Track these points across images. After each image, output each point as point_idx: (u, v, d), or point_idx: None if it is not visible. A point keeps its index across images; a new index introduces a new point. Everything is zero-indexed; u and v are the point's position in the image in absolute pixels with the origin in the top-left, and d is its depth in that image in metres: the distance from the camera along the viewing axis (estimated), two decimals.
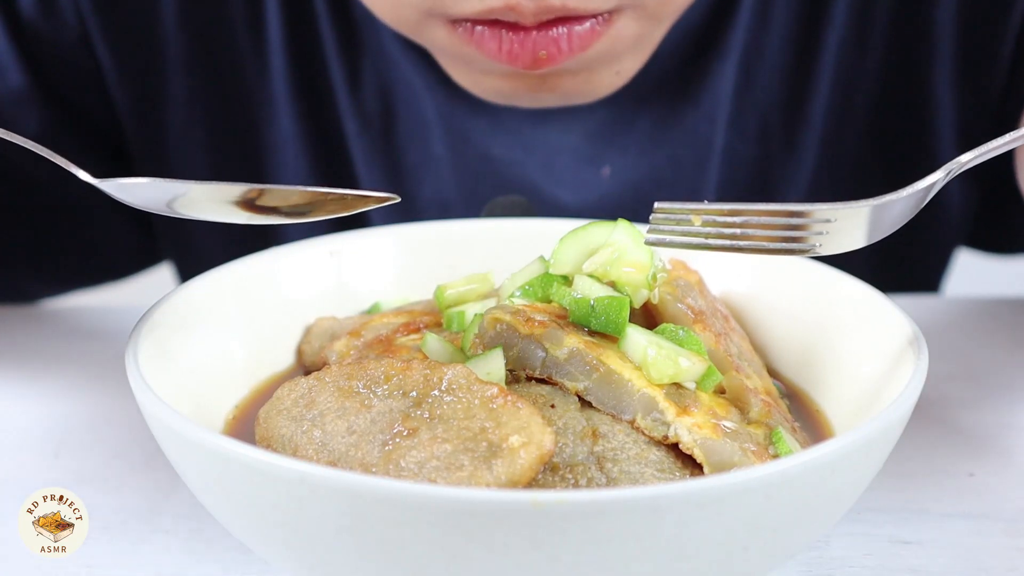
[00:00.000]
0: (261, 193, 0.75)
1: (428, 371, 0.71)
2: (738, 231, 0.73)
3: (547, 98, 0.99)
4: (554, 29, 0.91)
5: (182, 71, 1.15)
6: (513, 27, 0.91)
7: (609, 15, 0.91)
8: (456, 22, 0.92)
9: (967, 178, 1.19)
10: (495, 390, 0.69)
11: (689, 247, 0.74)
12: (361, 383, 0.71)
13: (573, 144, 1.14)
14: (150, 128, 1.17)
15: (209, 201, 0.75)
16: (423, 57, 1.12)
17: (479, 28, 0.91)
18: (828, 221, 0.72)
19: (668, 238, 0.74)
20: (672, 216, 0.74)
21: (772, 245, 0.73)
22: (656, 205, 0.75)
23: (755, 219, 0.73)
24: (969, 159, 0.74)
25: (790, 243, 0.73)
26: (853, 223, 0.72)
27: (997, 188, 1.18)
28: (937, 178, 0.73)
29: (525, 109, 1.12)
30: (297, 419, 0.71)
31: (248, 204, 0.76)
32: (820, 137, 1.17)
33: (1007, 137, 0.74)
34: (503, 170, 1.14)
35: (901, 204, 0.73)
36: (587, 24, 0.91)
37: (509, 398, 0.68)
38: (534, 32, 0.91)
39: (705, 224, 0.74)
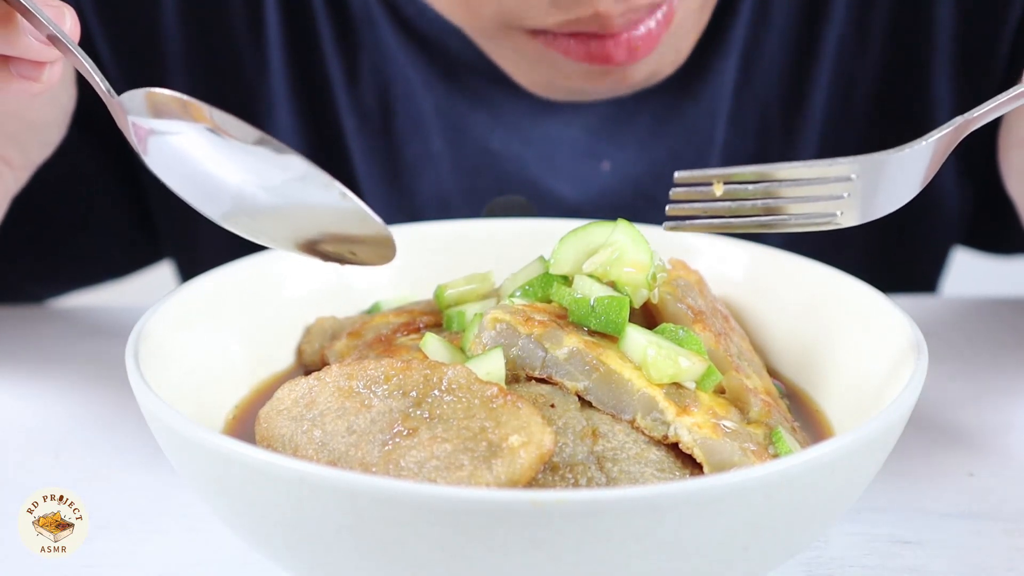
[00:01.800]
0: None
1: (428, 371, 0.71)
2: (759, 202, 0.73)
3: (615, 87, 1.00)
4: (640, 25, 0.93)
5: (182, 68, 1.15)
6: (598, 36, 0.92)
7: (670, 13, 0.93)
8: (536, 32, 0.92)
9: (962, 176, 1.19)
10: (495, 390, 0.69)
11: (710, 229, 0.74)
12: (361, 383, 0.71)
13: (573, 138, 1.14)
14: None
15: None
16: (421, 52, 1.12)
17: (562, 39, 0.92)
18: (848, 180, 0.72)
19: (688, 221, 0.74)
20: (693, 188, 0.74)
21: (794, 219, 0.73)
22: (677, 175, 0.75)
23: (775, 185, 0.73)
24: (979, 114, 0.73)
25: (812, 215, 0.73)
26: (871, 183, 0.72)
27: (992, 187, 1.18)
28: (945, 131, 0.73)
29: (524, 103, 1.12)
30: (297, 419, 0.71)
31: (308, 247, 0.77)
32: (820, 133, 1.17)
33: (1012, 92, 0.73)
34: (502, 165, 1.14)
35: (922, 155, 0.72)
36: (664, 7, 0.93)
37: (509, 398, 0.68)
38: (624, 34, 0.92)
39: (727, 195, 0.74)
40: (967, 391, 0.97)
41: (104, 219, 1.23)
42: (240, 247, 1.10)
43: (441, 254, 0.92)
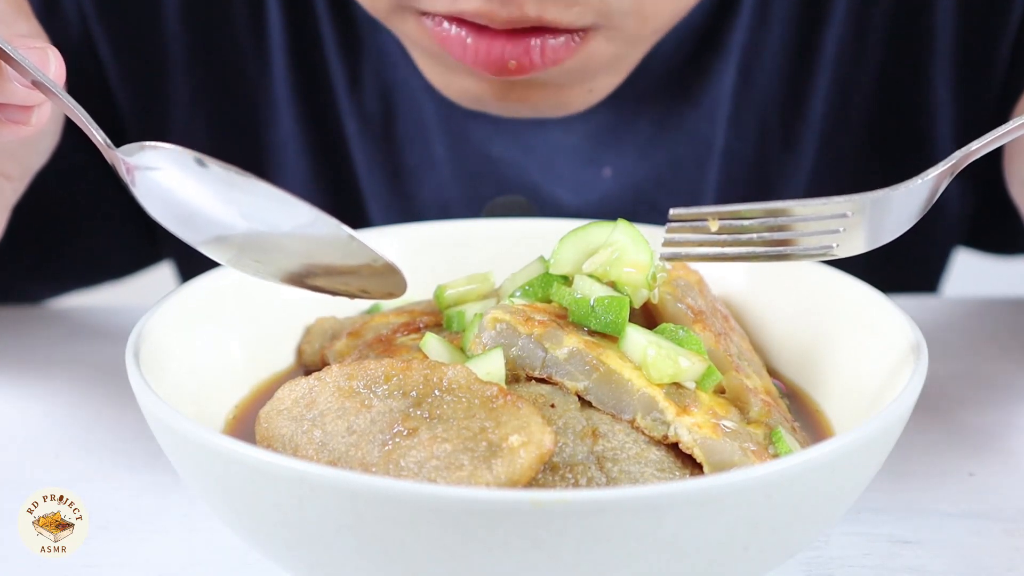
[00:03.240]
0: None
1: (428, 371, 0.71)
2: (755, 236, 0.74)
3: (516, 107, 0.97)
4: (527, 39, 0.89)
5: (185, 72, 1.15)
6: (481, 30, 0.89)
7: (584, 32, 0.90)
8: (426, 14, 0.91)
9: (964, 177, 1.19)
10: (495, 390, 0.69)
11: (705, 259, 0.74)
12: (361, 383, 0.71)
13: (573, 144, 1.13)
14: (153, 129, 1.17)
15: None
16: None
17: (446, 25, 0.90)
18: (844, 216, 0.72)
19: (684, 251, 0.74)
20: (688, 224, 0.74)
21: (791, 250, 0.74)
22: (672, 212, 0.75)
23: (771, 221, 0.73)
24: (977, 147, 0.73)
25: (809, 247, 0.73)
26: (868, 219, 0.72)
27: (995, 187, 1.18)
28: (942, 169, 0.73)
29: None
30: (297, 419, 0.71)
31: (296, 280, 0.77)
32: (819, 137, 1.17)
33: (1010, 125, 0.73)
34: (503, 171, 1.14)
35: (919, 192, 0.73)
36: (561, 39, 0.89)
37: (509, 398, 0.68)
38: (503, 39, 0.89)
39: (723, 230, 0.74)
40: (967, 391, 0.97)
41: (103, 220, 1.23)
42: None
43: (441, 254, 0.92)
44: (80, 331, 1.08)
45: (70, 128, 1.03)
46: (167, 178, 0.73)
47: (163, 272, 1.36)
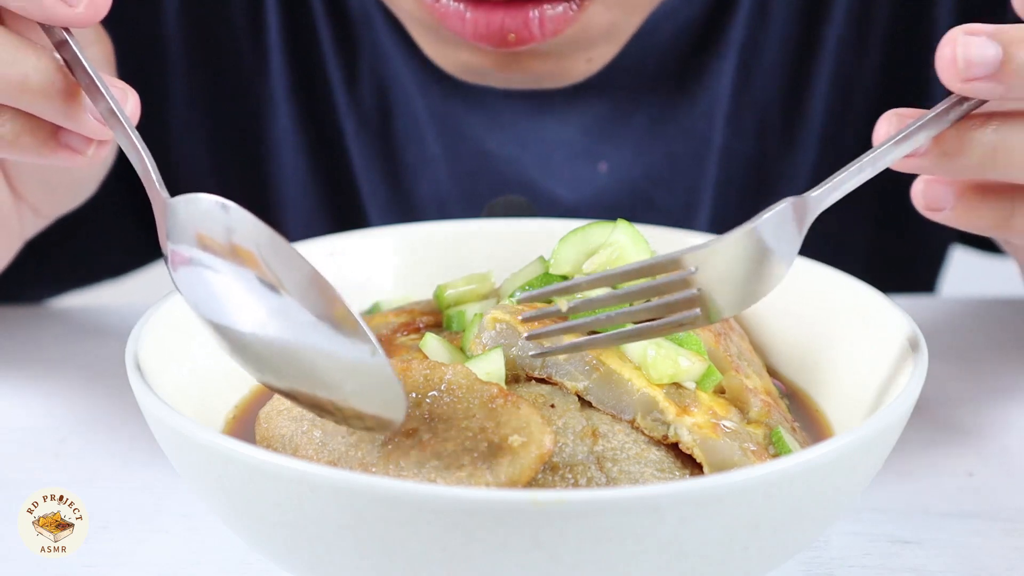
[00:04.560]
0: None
1: (428, 371, 0.71)
2: (603, 316, 0.71)
3: (517, 78, 0.98)
4: (526, 10, 0.90)
5: (183, 70, 1.15)
6: (479, 2, 0.90)
7: (582, 1, 0.91)
8: None
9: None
10: (495, 390, 0.69)
11: (576, 351, 0.71)
12: None
13: (569, 140, 1.13)
14: (152, 128, 1.17)
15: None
16: (416, 54, 1.12)
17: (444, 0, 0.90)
18: (693, 272, 0.69)
19: (550, 347, 0.72)
20: (541, 313, 0.72)
21: (655, 327, 0.70)
22: (517, 297, 0.72)
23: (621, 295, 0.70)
24: (817, 194, 0.70)
25: (673, 321, 0.70)
26: (721, 272, 0.69)
27: None
28: (769, 214, 0.69)
29: (520, 105, 1.12)
30: (297, 419, 0.71)
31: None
32: (819, 135, 1.16)
33: (852, 167, 0.70)
34: (499, 167, 1.14)
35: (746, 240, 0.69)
36: (559, 8, 0.90)
37: (509, 398, 0.68)
38: (501, 10, 0.90)
39: (578, 311, 0.71)
40: (967, 391, 0.97)
41: (102, 217, 1.23)
42: None
43: (441, 254, 0.92)
44: (80, 331, 1.08)
45: None
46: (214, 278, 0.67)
47: (163, 272, 1.36)
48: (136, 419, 0.75)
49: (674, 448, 0.71)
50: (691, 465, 0.70)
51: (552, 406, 0.71)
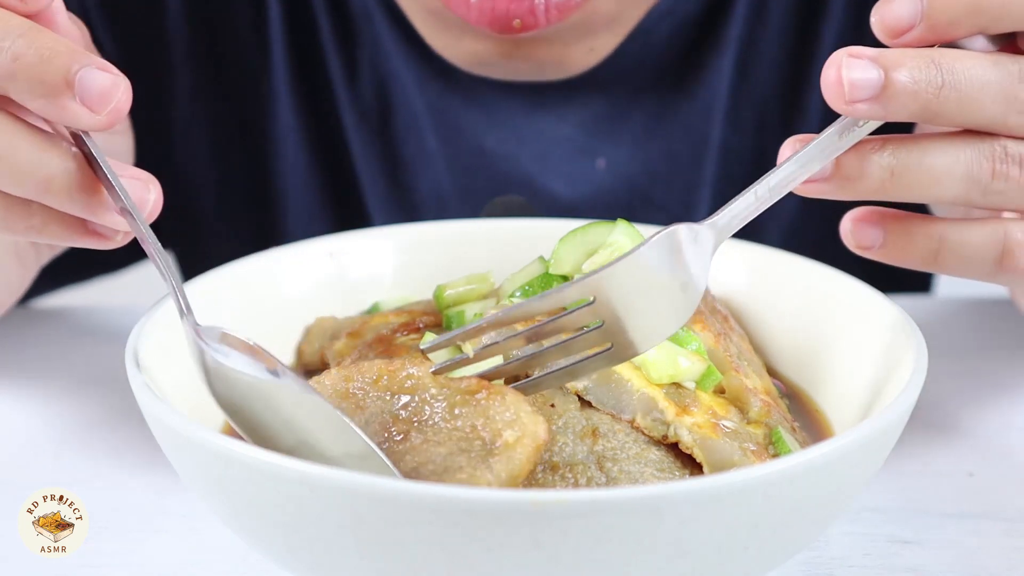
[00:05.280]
0: None
1: (414, 370, 0.70)
2: (524, 357, 0.69)
3: (520, 68, 0.98)
4: None
5: (186, 65, 1.16)
6: None
7: None
8: None
9: None
10: (473, 382, 0.69)
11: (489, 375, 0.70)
12: (356, 385, 0.71)
13: (567, 136, 1.14)
14: (155, 123, 1.17)
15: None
16: (415, 50, 1.12)
17: None
18: (592, 302, 0.67)
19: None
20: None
21: (569, 369, 0.69)
22: (422, 346, 0.70)
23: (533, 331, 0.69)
24: (723, 221, 0.70)
25: (588, 360, 0.69)
26: (621, 298, 0.67)
27: None
28: (658, 235, 0.68)
29: (518, 101, 1.12)
30: None
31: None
32: (817, 131, 1.16)
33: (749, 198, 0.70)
34: (497, 163, 1.14)
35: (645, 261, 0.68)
36: None
37: (491, 389, 0.68)
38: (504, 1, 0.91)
39: (480, 356, 0.69)
40: (967, 391, 0.97)
41: None
42: (242, 234, 1.09)
43: (441, 254, 0.92)
44: (80, 331, 1.08)
45: None
46: (237, 376, 0.68)
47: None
48: (136, 419, 0.75)
49: (674, 448, 0.71)
50: (691, 465, 0.70)
51: (552, 406, 0.71)
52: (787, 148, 0.71)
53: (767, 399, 0.75)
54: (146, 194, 0.71)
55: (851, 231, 0.74)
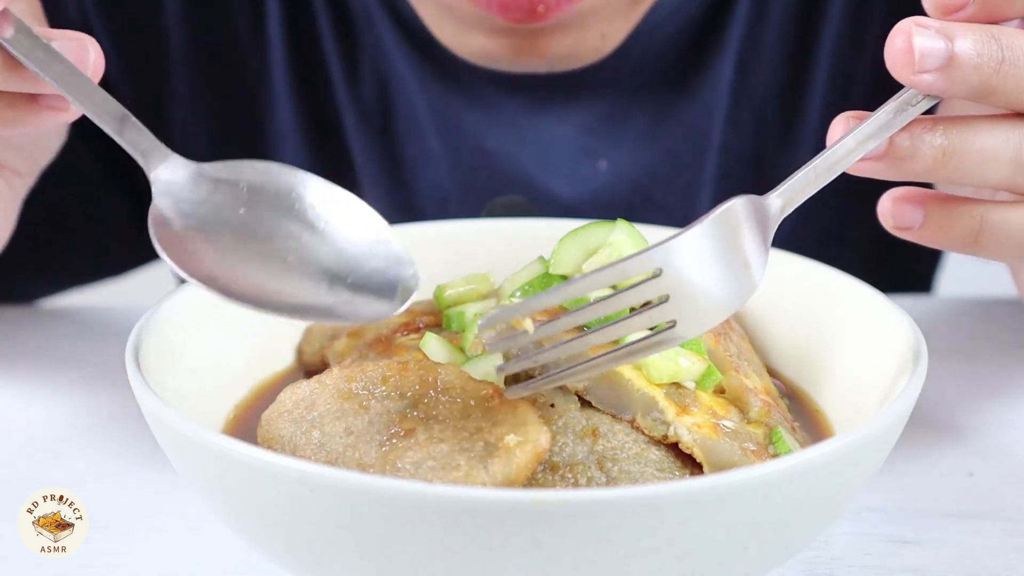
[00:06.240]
0: None
1: (424, 372, 0.71)
2: (585, 341, 0.67)
3: (531, 62, 0.98)
4: None
5: (185, 66, 1.16)
6: None
7: None
8: None
9: None
10: (490, 389, 0.69)
11: (553, 384, 0.68)
12: (360, 385, 0.71)
13: (569, 137, 1.14)
14: (153, 123, 1.17)
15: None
16: (416, 50, 1.12)
17: None
18: (660, 275, 0.65)
19: (526, 383, 0.68)
20: (507, 339, 0.67)
21: (632, 351, 0.66)
22: (480, 324, 0.68)
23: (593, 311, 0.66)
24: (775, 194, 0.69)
25: (652, 340, 0.66)
26: (689, 273, 0.65)
27: None
28: (720, 209, 0.67)
29: (520, 101, 1.12)
30: (297, 421, 0.71)
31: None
32: (817, 131, 1.17)
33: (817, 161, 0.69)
34: (499, 164, 1.14)
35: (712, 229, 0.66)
36: None
37: (503, 396, 0.68)
38: None
39: (547, 338, 0.67)
40: (967, 391, 0.97)
41: (101, 216, 1.23)
42: None
43: (441, 254, 0.92)
44: (80, 331, 1.08)
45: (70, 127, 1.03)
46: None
47: (163, 272, 1.36)
48: (136, 419, 0.75)
49: (674, 448, 0.71)
50: (691, 465, 0.70)
51: (552, 406, 0.71)
52: (838, 124, 0.70)
53: (767, 399, 0.75)
54: (84, 52, 0.72)
55: (891, 211, 0.73)
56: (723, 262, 0.66)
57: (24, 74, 0.71)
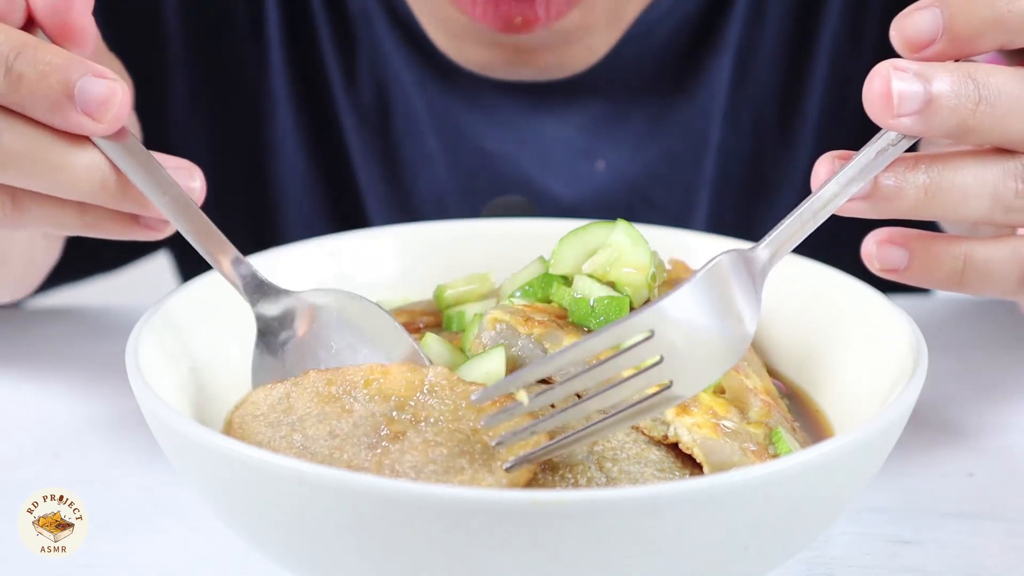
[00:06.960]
0: None
1: (409, 374, 0.71)
2: (580, 408, 0.65)
3: (523, 72, 0.99)
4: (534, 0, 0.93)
5: (184, 68, 1.16)
6: None
7: None
8: None
9: None
10: (475, 386, 0.69)
11: (551, 455, 0.66)
12: (340, 388, 0.71)
13: (567, 137, 1.14)
14: (153, 126, 1.17)
15: None
16: (415, 52, 1.12)
17: None
18: (651, 336, 0.64)
19: (524, 456, 0.66)
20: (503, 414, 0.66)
21: (629, 413, 0.65)
22: (473, 398, 0.66)
23: (588, 376, 0.65)
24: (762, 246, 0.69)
25: (649, 402, 0.65)
26: (680, 331, 0.64)
27: None
28: (707, 267, 0.66)
29: (518, 103, 1.12)
30: (275, 424, 0.71)
31: None
32: (815, 131, 1.17)
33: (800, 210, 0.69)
34: (497, 165, 1.14)
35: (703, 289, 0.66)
36: None
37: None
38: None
39: (541, 407, 0.66)
40: (967, 391, 0.97)
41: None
42: (241, 237, 1.08)
43: (441, 254, 0.92)
44: (79, 330, 1.08)
45: None
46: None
47: (163, 272, 1.36)
48: (136, 419, 0.75)
49: (674, 448, 0.71)
50: (691, 465, 0.70)
51: (552, 406, 0.71)
52: (822, 165, 0.70)
53: (767, 399, 0.75)
54: (191, 182, 0.75)
55: (875, 254, 0.73)
56: (714, 318, 0.66)
57: (134, 195, 0.72)
